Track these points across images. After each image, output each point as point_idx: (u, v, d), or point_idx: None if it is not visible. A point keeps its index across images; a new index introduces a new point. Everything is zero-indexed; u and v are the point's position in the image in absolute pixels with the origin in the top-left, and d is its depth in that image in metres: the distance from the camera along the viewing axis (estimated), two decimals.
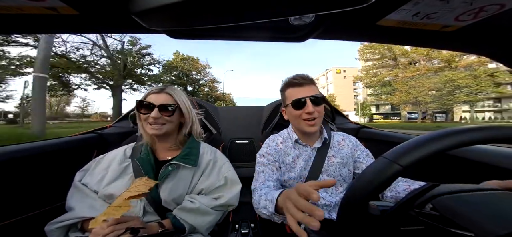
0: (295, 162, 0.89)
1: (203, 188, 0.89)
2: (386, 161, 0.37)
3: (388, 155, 0.37)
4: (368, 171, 0.39)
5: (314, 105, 0.82)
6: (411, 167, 0.35)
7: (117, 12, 0.50)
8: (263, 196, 0.69)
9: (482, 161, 0.76)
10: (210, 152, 0.98)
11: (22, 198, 0.86)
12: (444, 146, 0.35)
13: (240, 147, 1.55)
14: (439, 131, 0.37)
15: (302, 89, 0.84)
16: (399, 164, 0.35)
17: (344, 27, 0.64)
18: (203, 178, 0.91)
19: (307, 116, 0.82)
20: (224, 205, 0.90)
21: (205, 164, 0.93)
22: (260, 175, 0.85)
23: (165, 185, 0.83)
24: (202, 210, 0.83)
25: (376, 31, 0.62)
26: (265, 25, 0.64)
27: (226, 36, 0.68)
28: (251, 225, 0.98)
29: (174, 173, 0.85)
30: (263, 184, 0.80)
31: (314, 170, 0.86)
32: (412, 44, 0.71)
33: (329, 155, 0.89)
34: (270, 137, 0.98)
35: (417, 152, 0.35)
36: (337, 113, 1.51)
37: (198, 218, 0.82)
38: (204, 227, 0.83)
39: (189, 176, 0.88)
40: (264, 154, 0.90)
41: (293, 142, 0.92)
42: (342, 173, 0.88)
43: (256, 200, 0.74)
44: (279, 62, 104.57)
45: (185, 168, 0.87)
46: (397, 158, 0.36)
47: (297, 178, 0.87)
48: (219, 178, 0.93)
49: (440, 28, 0.58)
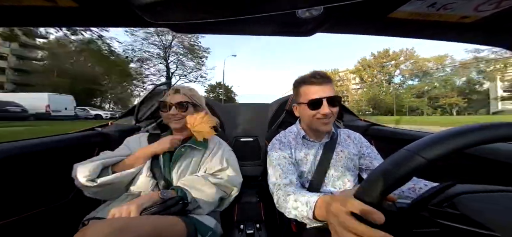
0: (306, 158, 0.89)
1: (207, 168, 0.99)
2: (407, 153, 0.34)
3: (410, 147, 0.35)
4: (386, 163, 0.36)
5: (330, 105, 0.80)
6: (436, 161, 0.32)
7: (118, 5, 0.49)
8: (292, 196, 0.66)
9: (497, 159, 0.73)
10: (217, 139, 1.11)
11: (19, 197, 0.84)
12: (479, 139, 0.32)
13: (245, 145, 1.53)
14: (473, 124, 0.34)
15: (319, 88, 0.82)
16: (422, 157, 0.33)
17: (353, 20, 0.62)
18: (208, 159, 1.01)
19: (322, 117, 0.81)
20: (226, 185, 0.95)
21: (211, 147, 1.05)
22: (276, 169, 0.83)
23: (178, 165, 0.94)
24: (204, 181, 0.89)
25: (387, 24, 0.59)
26: (271, 19, 0.62)
27: (231, 30, 0.66)
28: (257, 225, 0.96)
29: (186, 155, 0.97)
30: (286, 179, 0.78)
31: (322, 165, 0.86)
32: (425, 37, 0.67)
33: (337, 150, 0.89)
34: (281, 134, 0.97)
35: (448, 145, 0.32)
36: (345, 110, 1.47)
37: (200, 189, 0.86)
38: (206, 202, 0.86)
39: (198, 159, 1.00)
40: (278, 149, 0.89)
41: (301, 138, 0.91)
42: (350, 168, 0.87)
43: (282, 198, 0.71)
44: (284, 57, 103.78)
45: (196, 150, 0.99)
46: (420, 150, 0.33)
47: (307, 173, 0.87)
48: (222, 161, 1.01)
49: (458, 19, 0.55)
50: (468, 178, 0.83)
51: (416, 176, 0.74)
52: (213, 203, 0.90)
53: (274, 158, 0.87)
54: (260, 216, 1.04)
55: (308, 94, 0.83)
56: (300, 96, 0.87)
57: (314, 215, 0.56)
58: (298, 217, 0.63)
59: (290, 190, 0.70)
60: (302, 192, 0.67)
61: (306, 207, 0.59)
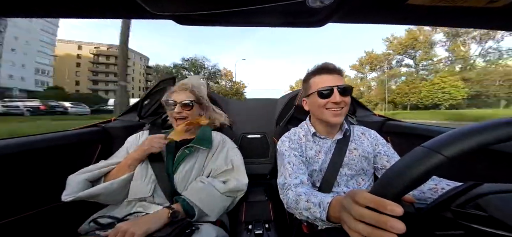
0: (318, 156, 0.85)
1: (212, 169, 0.93)
2: (425, 151, 0.32)
3: (428, 145, 0.32)
4: (403, 161, 0.34)
5: (341, 95, 0.77)
6: (458, 159, 0.29)
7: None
8: (303, 196, 0.63)
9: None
10: (220, 136, 1.05)
11: (19, 196, 0.82)
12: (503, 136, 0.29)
13: (252, 142, 1.49)
14: (498, 119, 0.31)
15: (330, 78, 0.79)
16: (442, 154, 0.30)
17: (369, 8, 0.57)
18: (213, 159, 0.95)
19: (333, 106, 0.77)
20: (233, 191, 0.90)
21: (215, 146, 0.99)
22: (286, 167, 0.80)
23: (182, 167, 0.88)
24: (211, 190, 0.84)
25: (407, 11, 0.54)
26: (280, 9, 0.58)
27: (236, 22, 0.63)
28: (265, 225, 0.93)
29: (190, 156, 0.91)
30: (296, 179, 0.75)
31: (334, 163, 0.81)
32: (449, 25, 0.62)
33: (350, 148, 0.84)
34: (291, 131, 0.93)
35: (471, 140, 0.29)
36: (358, 105, 1.39)
37: (207, 200, 0.81)
38: (214, 211, 0.82)
39: (203, 160, 0.93)
40: (287, 147, 0.86)
41: (311, 135, 0.87)
42: (364, 166, 0.83)
43: (292, 199, 0.68)
44: (293, 50, 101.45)
45: (200, 151, 0.93)
46: (440, 147, 0.31)
47: (318, 172, 0.83)
48: (227, 162, 0.96)
49: (486, 3, 0.49)
50: (490, 176, 0.77)
51: (437, 175, 0.70)
52: (221, 211, 0.87)
53: (284, 157, 0.84)
54: (269, 215, 1.01)
55: (318, 84, 0.80)
56: (310, 87, 0.84)
57: (328, 217, 0.53)
58: (310, 219, 0.60)
59: (301, 191, 0.67)
60: (314, 193, 0.63)
61: (319, 208, 0.55)
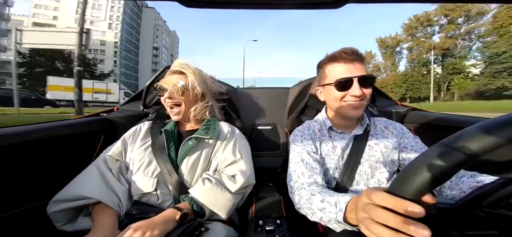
0: (334, 152, 0.79)
1: (219, 162, 0.89)
2: (443, 148, 0.29)
3: (448, 141, 0.30)
4: (419, 160, 0.32)
5: (362, 86, 0.70)
6: (481, 157, 0.27)
7: None
8: (318, 196, 0.59)
9: None
10: (228, 126, 1.01)
11: (18, 189, 0.79)
12: None
13: (262, 134, 1.43)
14: None
15: (350, 67, 0.72)
16: (462, 152, 0.27)
17: None
18: (220, 150, 0.91)
19: (352, 99, 0.71)
20: (243, 187, 0.86)
21: (223, 136, 0.94)
22: (299, 166, 0.75)
23: (186, 160, 0.84)
24: (220, 190, 0.79)
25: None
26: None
27: (247, 4, 0.58)
28: (277, 221, 0.91)
29: (195, 148, 0.86)
30: (310, 178, 0.71)
31: (352, 159, 0.76)
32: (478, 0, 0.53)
33: (370, 144, 0.78)
34: (305, 124, 0.88)
35: (498, 136, 0.26)
36: (378, 93, 1.30)
37: (216, 199, 0.78)
38: (225, 210, 0.79)
39: (209, 152, 0.89)
40: (300, 142, 0.81)
41: (327, 129, 0.81)
42: (387, 164, 0.76)
43: (305, 198, 0.64)
44: (308, 36, 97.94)
45: (205, 142, 0.89)
46: (460, 144, 0.28)
47: (334, 170, 0.78)
48: (235, 152, 0.92)
49: None
50: None
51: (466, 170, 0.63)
52: (232, 209, 0.83)
53: (296, 153, 0.79)
54: (281, 211, 0.98)
55: (335, 74, 0.73)
56: (326, 76, 0.77)
57: (345, 218, 0.48)
58: (324, 220, 0.56)
59: (315, 189, 0.63)
60: (329, 192, 0.59)
61: (335, 208, 0.51)
